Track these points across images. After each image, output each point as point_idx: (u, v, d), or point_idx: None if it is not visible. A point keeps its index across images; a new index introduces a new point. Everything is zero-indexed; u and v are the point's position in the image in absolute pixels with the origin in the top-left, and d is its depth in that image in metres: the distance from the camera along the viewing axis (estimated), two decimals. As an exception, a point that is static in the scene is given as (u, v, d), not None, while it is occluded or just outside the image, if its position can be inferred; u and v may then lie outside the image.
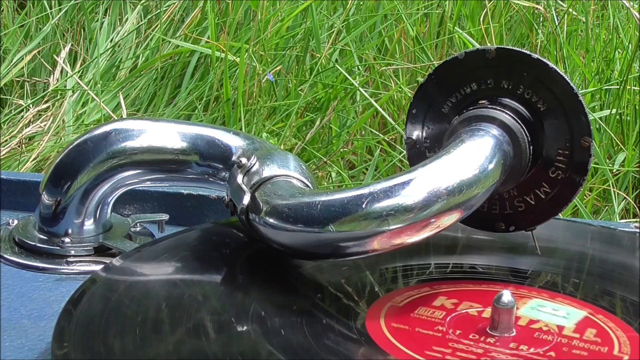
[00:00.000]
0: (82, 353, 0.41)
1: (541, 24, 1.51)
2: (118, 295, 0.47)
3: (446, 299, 0.50)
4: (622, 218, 1.10)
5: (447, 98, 0.55)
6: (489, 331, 0.46)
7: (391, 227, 0.46)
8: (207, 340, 0.43)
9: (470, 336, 0.45)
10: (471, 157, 0.49)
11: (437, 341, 0.45)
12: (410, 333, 0.46)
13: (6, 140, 1.21)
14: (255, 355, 0.43)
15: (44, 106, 1.29)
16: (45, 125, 1.23)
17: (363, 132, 1.31)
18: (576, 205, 1.04)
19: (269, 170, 0.54)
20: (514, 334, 0.46)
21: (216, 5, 1.45)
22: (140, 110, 1.34)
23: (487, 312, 0.48)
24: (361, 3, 1.48)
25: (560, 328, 0.47)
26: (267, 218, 0.50)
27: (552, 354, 0.44)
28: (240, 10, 1.40)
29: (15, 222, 0.63)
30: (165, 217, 0.65)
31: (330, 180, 1.20)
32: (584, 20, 1.48)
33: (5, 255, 0.59)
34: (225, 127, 0.64)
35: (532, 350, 0.44)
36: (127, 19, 1.50)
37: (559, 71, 0.52)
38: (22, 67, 1.41)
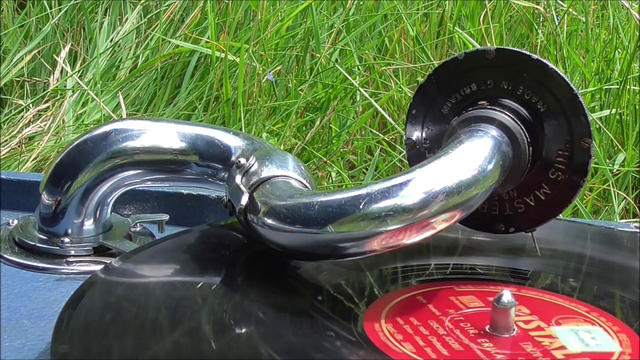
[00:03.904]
0: (81, 355, 0.41)
1: (541, 24, 1.51)
2: (117, 297, 0.47)
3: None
4: (622, 218, 1.10)
5: (447, 99, 0.55)
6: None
7: (389, 228, 0.46)
8: (206, 342, 0.43)
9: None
10: (470, 158, 0.49)
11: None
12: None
13: (6, 140, 1.21)
14: (254, 357, 0.43)
15: (44, 106, 1.29)
16: (45, 125, 1.23)
17: (363, 132, 1.31)
18: (576, 205, 1.04)
19: (267, 171, 0.54)
20: (514, 333, 0.46)
21: (216, 5, 1.45)
22: (140, 110, 1.34)
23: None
24: (361, 3, 1.48)
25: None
26: (265, 219, 0.50)
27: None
28: (240, 10, 1.40)
29: (15, 222, 0.63)
30: (165, 217, 0.65)
31: (330, 180, 1.20)
32: (584, 20, 1.48)
33: (5, 255, 0.59)
34: (225, 128, 0.64)
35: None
36: (127, 19, 1.49)
37: (559, 72, 0.52)
38: (22, 67, 1.41)
